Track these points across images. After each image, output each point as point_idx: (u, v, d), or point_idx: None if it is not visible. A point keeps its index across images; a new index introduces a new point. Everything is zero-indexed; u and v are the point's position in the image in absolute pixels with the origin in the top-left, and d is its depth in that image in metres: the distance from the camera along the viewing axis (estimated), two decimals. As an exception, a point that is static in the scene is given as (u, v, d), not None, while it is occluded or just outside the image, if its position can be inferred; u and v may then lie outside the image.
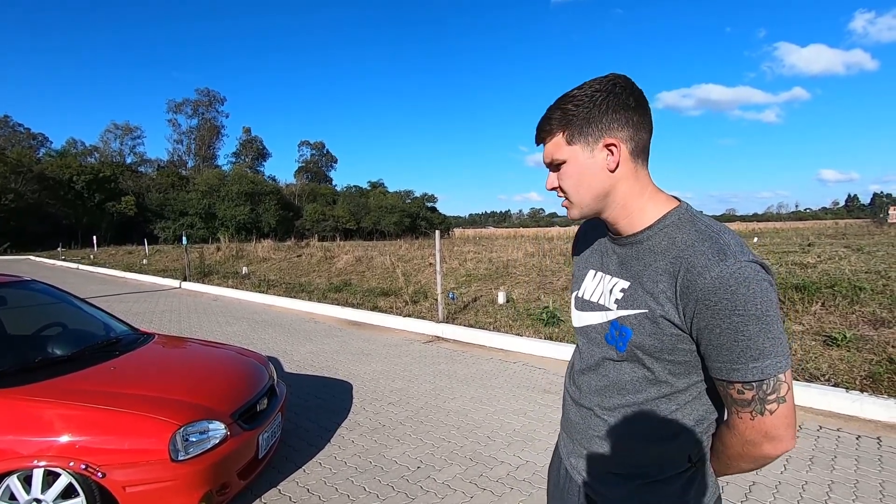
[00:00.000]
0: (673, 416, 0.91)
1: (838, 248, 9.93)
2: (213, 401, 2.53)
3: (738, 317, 0.76)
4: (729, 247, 0.80)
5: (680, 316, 0.83)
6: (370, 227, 59.47)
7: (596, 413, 0.99)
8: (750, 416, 0.82)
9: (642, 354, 0.89)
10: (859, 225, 35.16)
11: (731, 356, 0.79)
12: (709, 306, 0.78)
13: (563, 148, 0.91)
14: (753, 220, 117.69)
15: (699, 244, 0.82)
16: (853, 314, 5.35)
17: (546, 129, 0.93)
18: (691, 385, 0.89)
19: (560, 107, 0.90)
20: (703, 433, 0.93)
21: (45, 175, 40.39)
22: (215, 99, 64.47)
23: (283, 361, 5.40)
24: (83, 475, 2.07)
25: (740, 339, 0.77)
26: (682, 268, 0.82)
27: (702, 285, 0.78)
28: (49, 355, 2.79)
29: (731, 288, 0.76)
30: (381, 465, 3.03)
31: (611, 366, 0.95)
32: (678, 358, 0.86)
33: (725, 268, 0.77)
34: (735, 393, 0.82)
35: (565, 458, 1.11)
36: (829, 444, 3.16)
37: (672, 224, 0.89)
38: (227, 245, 20.66)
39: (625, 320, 0.90)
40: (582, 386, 1.03)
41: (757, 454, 0.86)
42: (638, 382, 0.92)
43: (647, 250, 0.90)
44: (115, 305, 9.56)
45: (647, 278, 0.88)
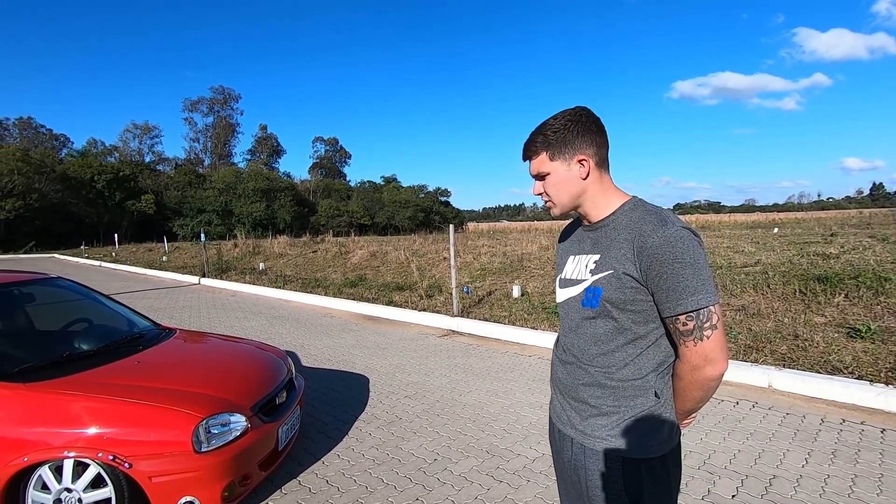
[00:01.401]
0: (638, 359, 1.16)
1: (862, 238, 9.68)
2: (234, 394, 2.58)
3: (678, 264, 1.06)
4: (668, 218, 1.11)
5: (638, 271, 1.10)
6: (384, 222, 59.72)
7: (579, 364, 1.23)
8: (693, 343, 1.08)
9: (611, 307, 1.14)
10: (885, 214, 34.18)
11: (675, 294, 1.07)
12: (657, 258, 1.07)
13: (546, 164, 1.21)
14: (773, 210, 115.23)
15: (647, 217, 1.13)
16: (878, 305, 5.22)
17: (532, 149, 1.23)
18: (650, 332, 1.15)
19: (542, 132, 1.21)
20: (664, 374, 1.18)
21: (68, 175, 41.35)
22: (230, 97, 65.15)
23: (300, 355, 5.47)
24: (111, 466, 2.14)
25: (680, 280, 1.06)
26: (636, 234, 1.11)
27: (651, 244, 1.08)
28: (76, 350, 2.88)
29: (670, 243, 1.06)
30: (399, 457, 3.07)
31: (588, 324, 1.20)
32: (638, 307, 1.13)
33: (666, 230, 1.08)
34: (681, 325, 1.09)
35: (557, 419, 1.33)
36: (852, 438, 3.11)
37: (628, 209, 1.19)
38: (244, 241, 20.97)
39: (597, 282, 1.17)
40: (567, 346, 1.28)
41: (701, 377, 1.10)
42: (609, 333, 1.17)
43: (611, 230, 1.19)
44: (138, 301, 9.78)
45: (613, 248, 1.16)
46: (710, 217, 52.62)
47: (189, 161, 62.91)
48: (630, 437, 1.16)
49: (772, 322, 5.15)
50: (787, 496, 2.49)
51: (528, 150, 1.24)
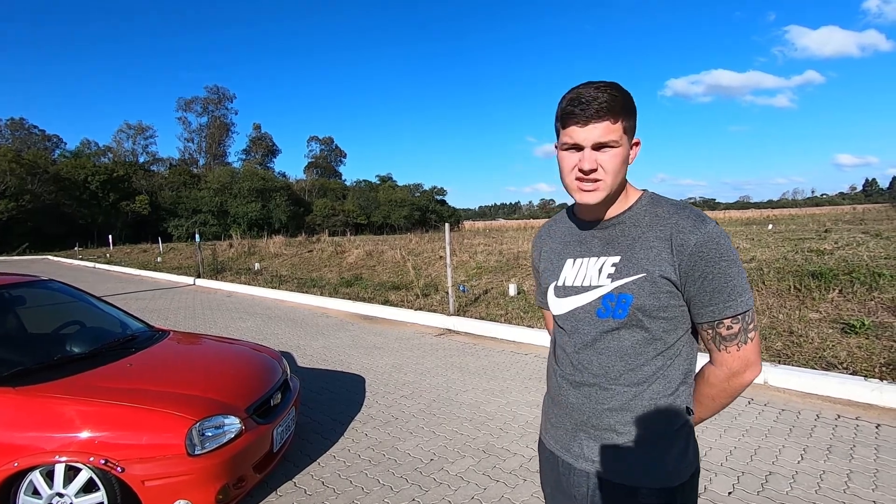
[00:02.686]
0: (668, 371, 1.03)
1: (856, 234, 9.73)
2: (228, 396, 2.56)
3: (725, 262, 0.96)
4: (702, 214, 1.01)
5: (676, 272, 0.98)
6: (380, 222, 59.64)
7: (603, 386, 1.05)
8: (737, 348, 1.00)
9: (642, 316, 1.00)
10: (878, 210, 34.43)
11: (723, 296, 0.97)
12: (702, 257, 0.96)
13: (619, 132, 0.98)
14: (768, 206, 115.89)
15: (680, 212, 1.01)
16: (872, 301, 5.24)
17: (614, 108, 0.96)
18: (678, 340, 1.04)
19: (623, 94, 0.98)
20: (690, 385, 1.07)
21: (61, 176, 41.04)
22: (224, 96, 64.80)
23: (296, 356, 5.45)
24: (103, 470, 2.11)
25: (728, 279, 0.96)
26: (673, 231, 0.99)
27: (694, 241, 0.97)
28: (68, 353, 2.85)
29: (715, 240, 0.96)
30: (395, 457, 3.06)
31: (609, 337, 1.04)
32: (670, 314, 1.01)
33: (708, 227, 0.97)
34: (725, 330, 0.99)
35: (563, 452, 1.14)
36: (847, 433, 3.12)
37: (648, 203, 1.06)
38: (240, 242, 20.89)
39: (623, 288, 1.01)
40: (581, 365, 1.08)
41: (738, 384, 1.03)
42: (637, 346, 1.02)
43: (631, 226, 1.05)
44: (132, 303, 9.72)
45: (640, 248, 1.02)
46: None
47: (183, 161, 62.56)
48: (665, 463, 1.02)
49: (767, 318, 5.17)
50: (783, 493, 2.50)
51: (608, 109, 0.95)
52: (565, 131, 1.00)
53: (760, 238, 12.62)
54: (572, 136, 0.99)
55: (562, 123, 1.00)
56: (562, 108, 1.00)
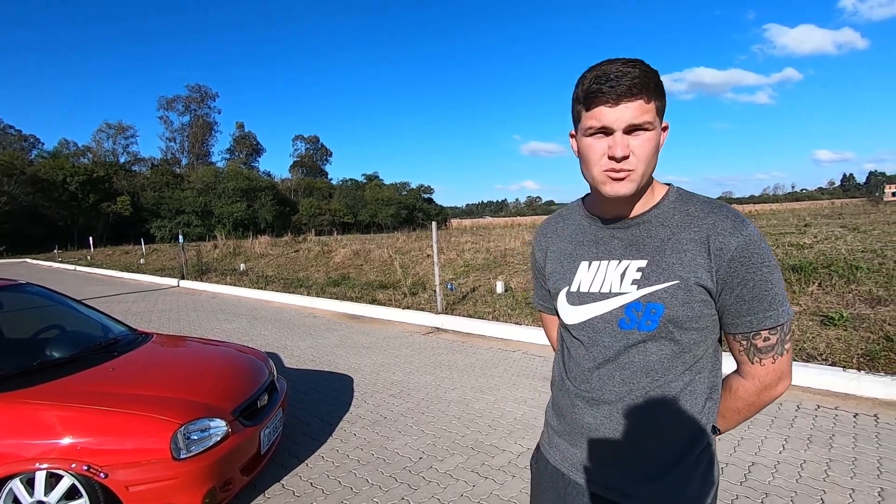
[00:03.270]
0: (695, 387, 0.95)
1: (835, 228, 9.95)
2: (214, 398, 2.53)
3: (766, 268, 0.87)
4: (740, 214, 0.90)
5: (713, 279, 0.88)
6: (367, 221, 59.41)
7: (626, 404, 0.95)
8: (772, 361, 0.91)
9: (673, 328, 0.90)
10: (855, 204, 35.25)
11: (764, 304, 0.88)
12: (743, 262, 0.86)
13: (652, 114, 0.86)
14: (750, 202, 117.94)
15: (716, 212, 0.90)
16: (850, 293, 5.37)
17: (648, 85, 0.85)
18: (706, 352, 0.95)
19: (654, 72, 0.86)
20: (716, 401, 0.98)
21: (39, 177, 40.15)
22: (207, 95, 63.98)
23: (283, 357, 5.41)
24: (86, 476, 2.08)
25: (770, 287, 0.87)
26: (711, 233, 0.88)
27: (735, 244, 0.87)
28: (48, 358, 2.78)
29: (756, 244, 0.87)
30: (384, 456, 3.05)
31: (635, 351, 0.93)
32: (702, 325, 0.92)
33: (749, 229, 0.87)
34: (761, 341, 0.90)
35: (573, 472, 1.04)
36: (826, 423, 3.19)
37: (677, 200, 0.95)
38: (224, 242, 20.64)
39: (652, 297, 0.90)
40: (601, 382, 0.97)
41: (769, 397, 0.94)
42: (665, 360, 0.92)
43: (658, 226, 0.94)
44: (114, 306, 9.55)
45: (672, 251, 0.91)
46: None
47: (166, 161, 61.64)
48: (690, 488, 0.94)
49: (749, 312, 5.26)
50: (766, 482, 2.55)
51: (638, 84, 0.84)
52: (590, 113, 0.87)
53: (742, 233, 12.80)
54: (600, 118, 0.85)
55: (585, 105, 0.88)
56: (584, 88, 0.87)
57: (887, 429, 3.07)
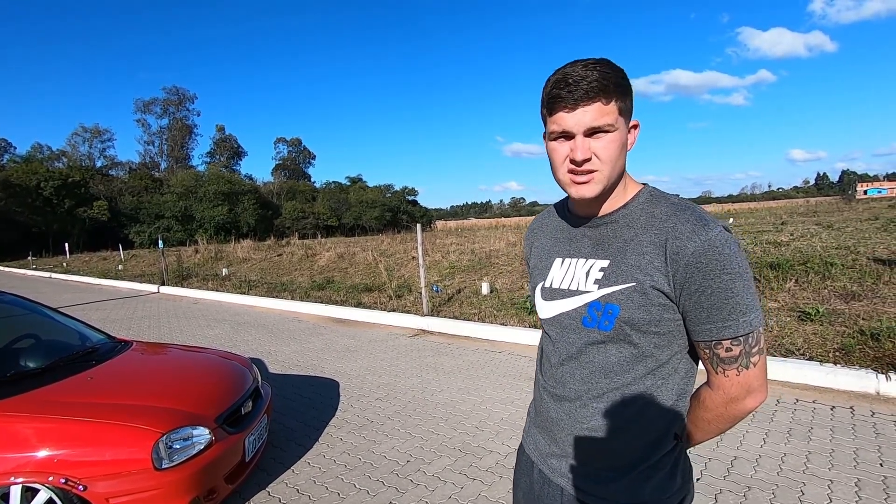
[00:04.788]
0: (658, 392, 0.92)
1: (810, 226, 10.21)
2: (196, 406, 2.49)
3: (726, 275, 0.82)
4: (705, 216, 0.87)
5: (670, 284, 0.86)
6: (351, 223, 59.07)
7: (584, 402, 0.96)
8: (736, 373, 0.87)
9: (630, 330, 0.89)
10: (829, 202, 36.23)
11: (723, 314, 0.83)
12: (700, 268, 0.83)
13: (614, 115, 0.86)
14: (728, 201, 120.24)
15: (679, 214, 0.88)
16: (825, 289, 5.51)
17: (607, 87, 0.84)
18: (672, 356, 0.92)
19: (615, 71, 0.86)
20: (684, 408, 0.96)
21: (10, 182, 39.02)
22: (185, 97, 62.84)
23: (267, 362, 5.34)
24: (63, 489, 2.02)
25: (730, 295, 0.82)
26: (669, 237, 0.86)
27: (692, 249, 0.83)
28: (22, 369, 2.70)
29: (717, 249, 0.82)
30: (371, 461, 3.03)
31: (594, 350, 0.94)
32: (663, 329, 0.89)
33: (710, 233, 0.83)
34: (723, 352, 0.86)
35: (541, 462, 1.06)
36: (805, 416, 3.27)
37: (646, 201, 0.93)
38: (206, 247, 20.32)
39: (610, 298, 0.90)
40: (564, 378, 0.99)
41: (738, 410, 0.90)
42: (625, 362, 0.92)
43: (624, 227, 0.93)
44: (92, 314, 9.33)
45: (632, 252, 0.90)
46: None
47: (144, 165, 60.44)
48: (645, 491, 0.93)
49: (729, 309, 5.36)
50: (748, 476, 2.60)
51: (596, 87, 0.83)
52: (552, 118, 0.88)
53: (722, 232, 13.06)
54: (560, 123, 0.86)
55: (548, 109, 0.88)
56: (547, 93, 0.88)
57: (862, 420, 3.15)
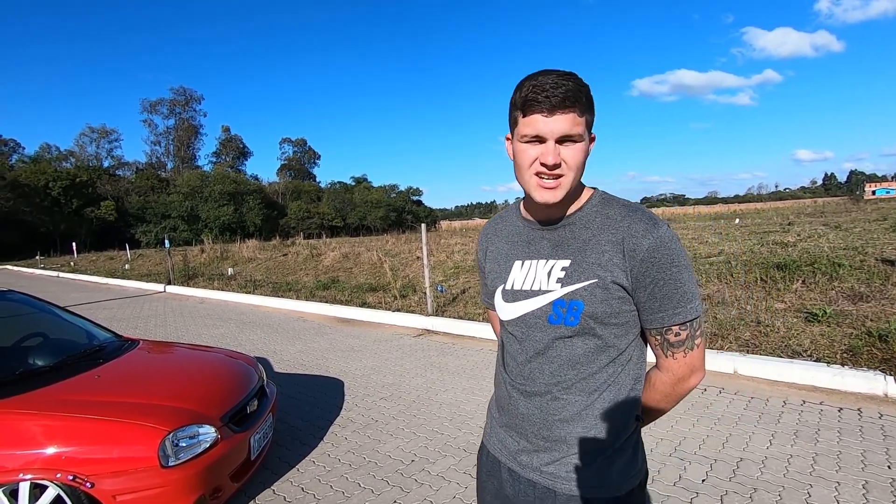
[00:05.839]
0: (619, 378, 1.01)
1: (817, 227, 10.14)
2: (202, 405, 2.50)
3: (675, 267, 0.93)
4: (654, 216, 0.97)
5: (628, 278, 0.94)
6: (356, 223, 59.16)
7: (555, 395, 1.01)
8: (683, 355, 0.98)
9: (594, 323, 0.96)
10: (837, 203, 35.97)
11: (673, 302, 0.94)
12: (654, 262, 0.92)
13: (582, 125, 0.92)
14: (735, 201, 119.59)
15: (632, 215, 0.96)
16: (833, 290, 5.47)
17: (580, 99, 0.90)
18: (629, 345, 1.01)
19: (585, 86, 0.93)
20: (639, 391, 1.05)
21: (19, 182, 39.40)
22: (192, 98, 63.20)
23: (272, 361, 5.36)
24: (71, 486, 2.04)
25: (679, 286, 0.93)
26: (625, 235, 0.94)
27: (646, 245, 0.92)
28: (30, 367, 2.73)
29: (667, 245, 0.92)
30: (376, 460, 3.04)
31: (561, 345, 1.00)
32: (622, 320, 0.98)
33: (660, 231, 0.93)
34: (672, 336, 0.97)
35: (510, 460, 1.10)
36: (812, 418, 3.24)
37: (598, 203, 1.01)
38: (212, 246, 20.43)
39: (574, 294, 0.97)
40: (532, 374, 1.04)
41: (684, 388, 1.02)
42: (590, 353, 0.99)
43: (582, 228, 1.00)
44: (99, 312, 9.40)
45: (591, 251, 0.97)
46: (676, 210, 54.15)
47: (151, 165, 60.81)
48: (614, 473, 1.00)
49: (735, 310, 5.34)
50: (754, 477, 2.58)
51: (572, 97, 0.89)
52: (526, 120, 0.92)
53: (728, 232, 13.01)
54: (535, 127, 0.90)
55: (523, 111, 0.92)
56: (522, 95, 0.91)
57: (870, 422, 3.13)
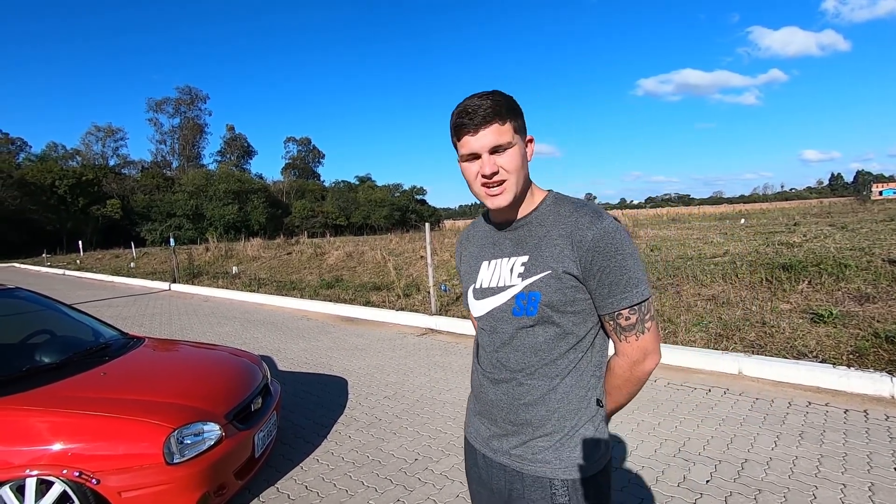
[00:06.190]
0: (580, 364, 1.08)
1: (823, 227, 10.08)
2: (207, 402, 2.51)
3: (619, 255, 1.00)
4: (600, 210, 1.05)
5: (578, 268, 1.02)
6: (360, 222, 59.24)
7: (520, 381, 1.09)
8: (635, 338, 1.04)
9: (551, 311, 1.04)
10: (843, 203, 35.75)
11: (619, 287, 1.01)
12: (599, 252, 1.00)
13: (510, 133, 1.03)
14: (740, 201, 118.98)
15: (579, 210, 1.05)
16: (839, 291, 5.44)
17: (500, 111, 1.01)
18: (588, 332, 1.07)
19: (506, 98, 1.04)
20: (602, 377, 1.11)
21: (26, 180, 39.63)
22: (197, 97, 63.34)
23: (276, 360, 5.38)
24: (77, 482, 2.05)
25: (625, 272, 1.00)
26: (573, 229, 1.03)
27: (591, 236, 1.00)
28: (37, 363, 2.75)
29: (610, 235, 1.00)
30: (379, 458, 3.04)
31: (525, 334, 1.08)
32: (577, 308, 1.05)
33: (604, 223, 1.01)
34: (623, 321, 1.03)
35: (483, 446, 1.18)
36: (817, 419, 3.23)
37: (552, 203, 1.11)
38: (216, 245, 20.49)
39: (532, 286, 1.05)
40: (500, 363, 1.12)
41: (640, 372, 1.07)
42: (550, 340, 1.06)
43: (537, 226, 1.09)
44: (104, 310, 9.45)
45: (546, 246, 1.06)
46: (681, 209, 53.91)
47: (156, 164, 61.04)
48: (576, 454, 1.06)
49: (740, 310, 5.31)
50: (758, 479, 2.57)
51: (491, 112, 1.00)
52: (461, 142, 1.04)
53: (733, 232, 12.95)
54: (468, 146, 1.03)
55: (456, 136, 1.05)
56: (452, 122, 1.05)
57: (877, 424, 3.11)
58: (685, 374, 4.22)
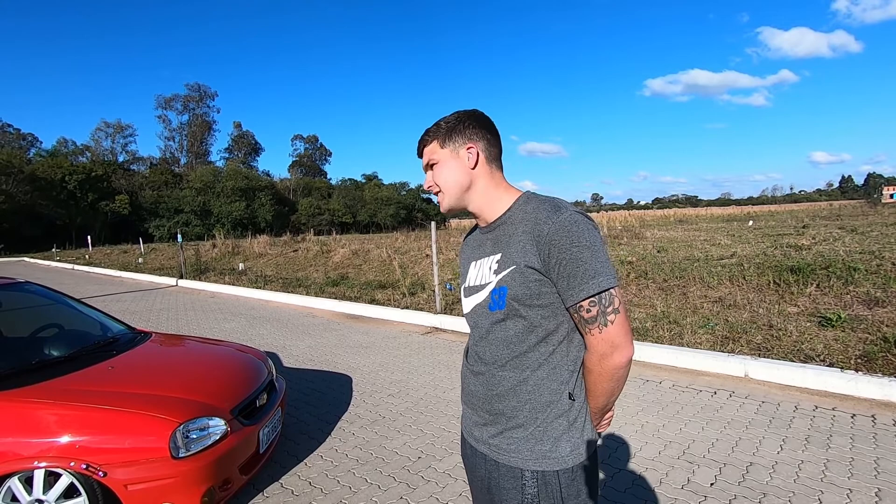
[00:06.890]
0: (552, 358, 1.10)
1: (833, 230, 9.98)
2: (213, 397, 2.53)
3: (576, 247, 1.01)
4: (561, 204, 1.08)
5: (540, 261, 1.05)
6: (366, 220, 59.38)
7: (493, 372, 1.15)
8: (598, 330, 1.04)
9: (518, 305, 1.08)
10: (853, 206, 35.38)
11: (577, 279, 1.02)
12: (555, 244, 1.02)
13: (437, 151, 1.19)
14: (748, 203, 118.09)
15: (541, 206, 1.10)
16: (847, 295, 5.38)
17: (425, 139, 1.21)
18: (559, 326, 1.09)
19: (435, 124, 1.20)
20: (577, 372, 1.12)
21: (37, 176, 40.04)
22: (206, 94, 63.76)
23: (281, 356, 5.41)
24: (84, 475, 2.08)
25: (581, 263, 1.01)
26: (534, 224, 1.07)
27: (547, 230, 1.04)
28: (46, 357, 2.79)
29: (567, 228, 1.02)
30: (383, 456, 3.05)
31: (498, 328, 1.13)
32: (544, 301, 1.07)
33: (560, 215, 1.04)
34: (585, 313, 1.04)
35: (468, 435, 1.25)
36: (824, 424, 3.20)
37: (522, 202, 1.16)
38: (223, 242, 20.60)
39: (501, 282, 1.10)
40: (478, 355, 1.19)
41: (610, 366, 1.06)
42: (520, 333, 1.10)
43: (509, 225, 1.15)
44: (112, 305, 9.54)
45: (513, 243, 1.11)
46: (688, 211, 53.56)
47: (165, 160, 61.53)
48: (546, 447, 1.09)
49: (747, 313, 5.27)
50: (763, 482, 2.55)
51: (421, 142, 1.22)
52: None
53: (741, 234, 12.85)
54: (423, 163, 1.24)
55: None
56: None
57: (884, 429, 3.08)
58: (691, 375, 4.20)
